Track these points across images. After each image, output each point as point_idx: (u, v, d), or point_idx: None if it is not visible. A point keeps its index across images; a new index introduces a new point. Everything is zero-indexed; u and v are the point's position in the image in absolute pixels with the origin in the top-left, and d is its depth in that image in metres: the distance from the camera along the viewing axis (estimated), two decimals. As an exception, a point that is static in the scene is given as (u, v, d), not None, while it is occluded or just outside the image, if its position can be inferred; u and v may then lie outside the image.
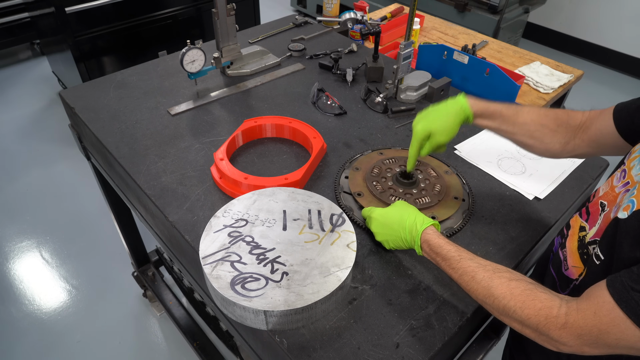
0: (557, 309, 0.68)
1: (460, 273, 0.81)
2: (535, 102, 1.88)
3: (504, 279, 0.76)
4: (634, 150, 0.79)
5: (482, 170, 1.23)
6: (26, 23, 3.48)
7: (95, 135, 1.30)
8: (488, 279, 0.77)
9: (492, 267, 0.79)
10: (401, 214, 0.92)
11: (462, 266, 0.81)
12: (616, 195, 0.76)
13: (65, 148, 2.91)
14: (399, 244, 0.93)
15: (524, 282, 0.74)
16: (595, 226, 0.78)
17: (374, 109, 1.44)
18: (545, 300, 0.70)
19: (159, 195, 1.11)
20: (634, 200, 0.68)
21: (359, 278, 0.94)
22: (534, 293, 0.72)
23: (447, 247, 0.84)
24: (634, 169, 0.75)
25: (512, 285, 0.74)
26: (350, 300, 0.90)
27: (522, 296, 0.72)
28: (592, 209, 0.82)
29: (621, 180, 0.77)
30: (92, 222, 2.46)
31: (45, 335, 1.99)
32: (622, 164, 0.81)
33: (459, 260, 0.82)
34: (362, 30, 1.53)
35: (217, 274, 0.86)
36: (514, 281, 0.75)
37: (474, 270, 0.79)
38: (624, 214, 0.69)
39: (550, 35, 4.27)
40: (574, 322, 0.66)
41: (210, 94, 1.47)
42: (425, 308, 0.89)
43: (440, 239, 0.86)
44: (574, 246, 0.83)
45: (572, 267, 0.82)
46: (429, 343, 0.83)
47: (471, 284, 0.79)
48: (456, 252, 0.83)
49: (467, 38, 2.32)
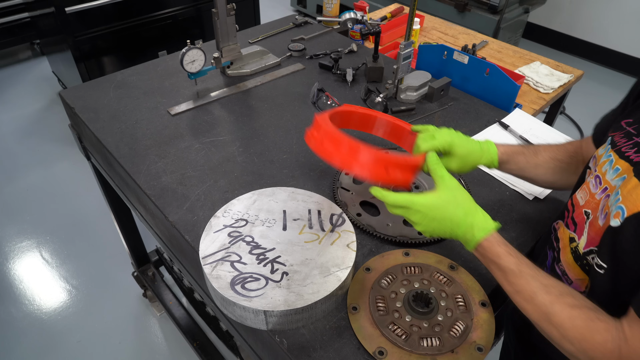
0: (611, 343, 0.66)
1: (518, 290, 0.74)
2: (536, 102, 1.88)
3: (566, 305, 0.70)
4: (599, 155, 0.80)
5: (482, 170, 1.23)
6: (26, 23, 3.48)
7: (95, 135, 1.30)
8: (549, 303, 0.71)
9: (556, 289, 0.72)
10: (455, 211, 0.79)
11: (521, 283, 0.74)
12: (598, 202, 0.76)
13: (65, 148, 2.90)
14: (446, 236, 0.81)
15: (586, 309, 0.69)
16: (584, 235, 0.78)
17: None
18: (604, 331, 0.67)
19: (159, 195, 1.11)
20: (623, 207, 0.68)
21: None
22: (594, 324, 0.67)
23: (507, 259, 0.75)
24: (607, 174, 0.75)
25: (573, 315, 0.69)
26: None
27: (582, 328, 0.68)
28: (577, 219, 0.82)
29: (598, 187, 0.77)
30: (92, 222, 2.46)
31: (45, 335, 1.98)
32: (589, 169, 0.82)
33: (519, 276, 0.74)
34: (362, 30, 1.53)
35: (217, 274, 0.86)
36: (576, 309, 0.69)
37: (534, 291, 0.72)
38: (616, 222, 0.68)
39: (550, 35, 4.27)
40: (628, 356, 0.64)
41: (210, 94, 1.47)
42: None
43: (499, 247, 0.77)
44: (569, 259, 0.82)
45: (576, 279, 0.81)
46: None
47: (527, 305, 0.73)
48: (516, 266, 0.75)
49: (467, 38, 2.32)
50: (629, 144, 0.74)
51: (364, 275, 0.91)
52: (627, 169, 0.71)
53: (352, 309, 0.85)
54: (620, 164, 0.73)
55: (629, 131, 0.75)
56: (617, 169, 0.74)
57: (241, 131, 1.33)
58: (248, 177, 1.17)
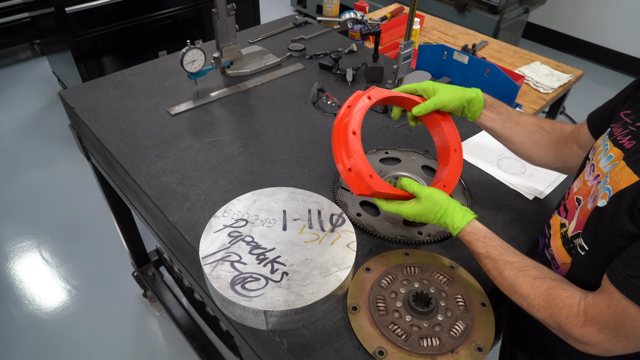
0: (577, 307, 0.70)
1: (488, 268, 0.83)
2: (536, 102, 1.88)
3: (529, 277, 0.77)
4: (598, 145, 0.82)
5: (482, 170, 1.23)
6: (26, 23, 3.48)
7: (95, 135, 1.30)
8: (513, 277, 0.78)
9: (519, 264, 0.79)
10: (435, 210, 0.89)
11: (488, 262, 0.82)
12: (589, 189, 0.79)
13: (65, 148, 2.90)
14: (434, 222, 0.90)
15: (548, 280, 0.76)
16: (574, 220, 0.81)
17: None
18: (567, 298, 0.72)
19: (159, 195, 1.11)
20: (610, 187, 0.70)
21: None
22: (556, 292, 0.73)
23: (476, 244, 0.85)
24: (601, 162, 0.78)
25: (535, 285, 0.76)
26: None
27: (545, 295, 0.74)
28: (569, 205, 0.85)
29: (592, 174, 0.80)
30: (92, 222, 2.46)
31: (45, 335, 1.98)
32: (589, 160, 0.84)
33: (487, 256, 0.83)
34: (362, 30, 1.53)
35: (217, 274, 0.86)
36: (538, 280, 0.76)
37: (500, 267, 0.80)
38: (603, 202, 0.71)
39: (550, 35, 4.27)
40: (593, 318, 0.68)
41: (210, 94, 1.47)
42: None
43: (470, 235, 0.86)
44: (558, 243, 0.84)
45: (562, 264, 0.83)
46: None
47: (498, 280, 0.81)
48: (484, 249, 0.83)
49: (467, 38, 2.32)
50: (623, 132, 0.76)
51: (364, 275, 0.91)
52: (619, 155, 0.73)
53: (352, 309, 0.85)
54: (613, 152, 0.76)
55: (626, 121, 0.78)
56: (610, 157, 0.76)
57: (241, 131, 1.33)
58: (248, 177, 1.17)
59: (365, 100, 0.95)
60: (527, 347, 0.95)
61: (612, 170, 0.72)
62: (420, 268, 0.92)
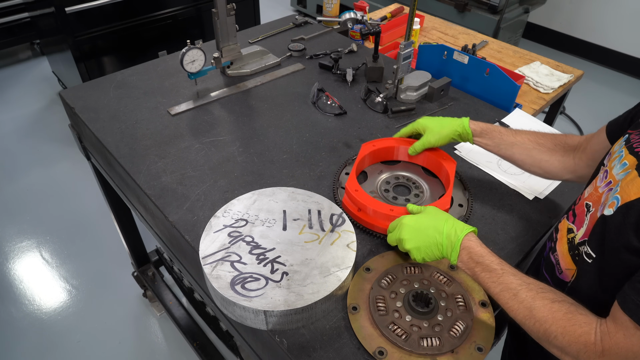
0: (594, 335, 0.67)
1: (502, 289, 0.76)
2: (536, 102, 1.88)
3: (547, 300, 0.72)
4: (613, 151, 0.81)
5: (482, 170, 1.23)
6: (26, 23, 3.48)
7: (95, 135, 1.30)
8: (531, 299, 0.73)
9: (536, 286, 0.74)
10: (437, 220, 0.86)
11: (504, 281, 0.76)
12: (600, 195, 0.77)
13: (65, 148, 2.90)
14: (432, 251, 0.84)
15: (566, 304, 0.71)
16: (583, 227, 0.79)
17: (374, 109, 1.44)
18: (585, 324, 0.68)
19: (159, 195, 1.11)
20: (619, 197, 0.69)
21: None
22: (575, 317, 0.69)
23: (490, 258, 0.79)
24: (614, 169, 0.76)
25: (554, 308, 0.71)
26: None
27: (564, 321, 0.69)
28: (578, 211, 0.83)
29: (604, 180, 0.79)
30: (92, 222, 2.46)
31: (45, 335, 1.98)
32: (603, 165, 0.83)
33: (501, 275, 0.77)
34: (362, 30, 1.53)
35: (217, 274, 0.86)
36: (557, 303, 0.71)
37: (517, 288, 0.74)
38: (609, 211, 0.70)
39: (550, 35, 4.27)
40: (610, 349, 0.65)
41: (210, 94, 1.47)
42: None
43: (482, 247, 0.81)
44: (564, 249, 0.83)
45: (566, 269, 0.82)
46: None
47: (511, 302, 0.75)
48: (499, 265, 0.78)
49: (467, 38, 2.32)
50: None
51: (364, 275, 0.91)
52: (633, 163, 0.72)
53: (352, 309, 0.85)
54: (628, 159, 0.74)
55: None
56: (624, 164, 0.74)
57: (241, 131, 1.33)
58: (248, 177, 1.17)
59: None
60: (528, 354, 0.95)
61: (624, 179, 0.71)
62: (420, 268, 0.92)
